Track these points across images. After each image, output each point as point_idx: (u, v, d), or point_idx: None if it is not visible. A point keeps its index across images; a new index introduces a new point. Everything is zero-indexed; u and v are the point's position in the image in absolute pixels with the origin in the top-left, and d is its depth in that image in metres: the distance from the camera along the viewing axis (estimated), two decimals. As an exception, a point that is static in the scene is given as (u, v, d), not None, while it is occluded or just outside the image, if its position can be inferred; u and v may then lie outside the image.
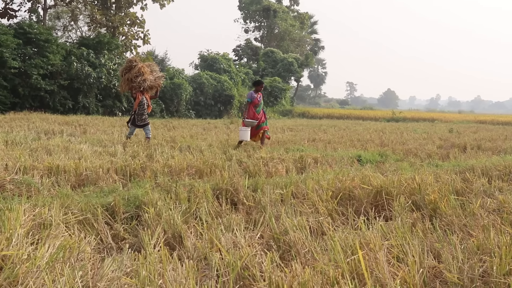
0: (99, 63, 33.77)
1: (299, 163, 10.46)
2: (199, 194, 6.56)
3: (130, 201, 6.23)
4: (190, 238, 4.89)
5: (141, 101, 14.65)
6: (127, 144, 13.16)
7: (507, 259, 3.74)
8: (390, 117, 52.36)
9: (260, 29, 73.70)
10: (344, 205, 6.45)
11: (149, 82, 14.72)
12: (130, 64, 14.95)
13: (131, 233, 5.45)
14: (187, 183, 7.30)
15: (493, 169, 9.10)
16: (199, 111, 39.75)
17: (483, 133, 24.75)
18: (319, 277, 3.67)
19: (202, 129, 21.95)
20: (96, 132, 17.69)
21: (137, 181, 7.92)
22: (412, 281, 3.61)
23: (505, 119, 51.43)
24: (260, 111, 14.59)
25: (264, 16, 70.70)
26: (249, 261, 4.01)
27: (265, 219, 5.58)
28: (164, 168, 8.75)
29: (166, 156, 10.22)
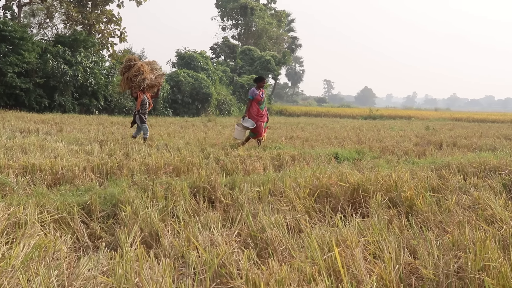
0: (75, 61, 33.53)
1: (277, 161, 10.46)
2: (176, 192, 6.55)
3: (106, 199, 6.20)
4: (167, 236, 4.87)
5: (143, 100, 14.42)
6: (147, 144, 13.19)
7: (481, 255, 3.77)
8: (367, 114, 52.63)
9: (237, 27, 73.62)
10: (321, 203, 6.46)
11: (149, 81, 14.48)
12: (129, 63, 14.71)
13: (108, 232, 5.42)
14: (164, 181, 7.28)
15: (468, 166, 9.17)
16: (177, 109, 39.62)
17: (458, 130, 24.96)
18: (296, 274, 3.68)
19: (180, 127, 21.89)
20: (72, 131, 17.55)
21: (114, 179, 7.87)
22: (388, 277, 3.62)
23: (480, 117, 51.97)
24: (263, 108, 14.22)
25: (242, 14, 70.63)
26: (226, 258, 4.01)
27: (242, 217, 5.58)
28: (141, 166, 8.71)
29: (143, 155, 10.18)
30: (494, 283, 3.46)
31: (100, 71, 35.55)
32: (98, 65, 36.09)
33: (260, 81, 14.17)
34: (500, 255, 3.91)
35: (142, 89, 14.41)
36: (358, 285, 3.64)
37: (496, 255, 3.83)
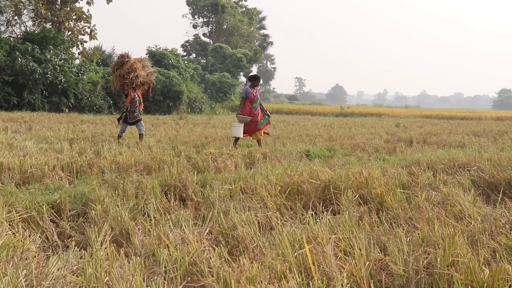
0: (44, 59, 33.18)
1: (248, 159, 10.46)
2: (147, 191, 6.51)
3: (76, 198, 6.15)
4: (137, 234, 4.85)
5: (133, 98, 14.19)
6: (121, 143, 12.97)
7: (450, 251, 3.81)
8: (338, 112, 52.88)
9: (208, 25, 73.52)
10: (292, 200, 6.47)
11: (141, 78, 14.24)
12: (122, 59, 14.43)
13: (78, 231, 5.38)
14: (135, 180, 7.24)
15: (438, 163, 9.26)
16: (148, 107, 39.40)
17: (428, 127, 25.21)
18: (266, 271, 3.68)
19: (151, 125, 21.78)
20: (42, 129, 17.36)
21: (84, 178, 7.81)
22: (358, 274, 3.64)
23: (449, 114, 52.53)
24: (257, 107, 13.85)
25: (213, 11, 70.54)
26: (197, 256, 4.00)
27: (213, 214, 5.57)
28: (111, 164, 8.65)
29: (113, 153, 10.10)
30: (463, 278, 3.50)
31: (70, 69, 35.21)
32: (68, 63, 35.74)
33: (255, 80, 13.97)
34: (468, 251, 3.96)
35: (134, 86, 14.21)
36: (329, 282, 3.65)
37: (464, 251, 3.87)
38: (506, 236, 4.60)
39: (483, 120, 44.29)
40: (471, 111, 64.64)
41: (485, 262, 4.06)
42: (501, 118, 47.17)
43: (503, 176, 7.65)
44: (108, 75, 36.73)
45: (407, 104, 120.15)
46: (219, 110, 49.39)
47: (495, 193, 7.20)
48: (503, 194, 6.96)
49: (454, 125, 29.00)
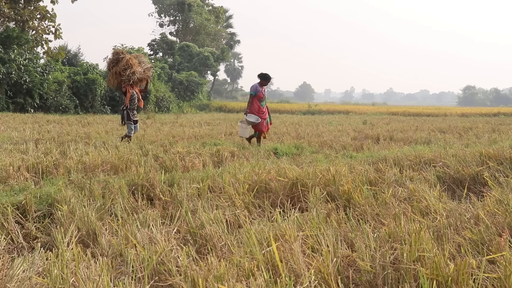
0: (8, 58, 32.70)
1: (216, 157, 10.45)
2: (114, 190, 6.47)
3: (42, 199, 6.07)
4: (105, 235, 4.81)
5: (132, 95, 13.90)
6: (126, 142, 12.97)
7: (416, 246, 3.85)
8: (306, 110, 53.09)
9: (175, 23, 73.20)
10: (260, 198, 6.48)
11: (138, 74, 13.92)
12: (117, 56, 14.06)
13: (44, 232, 5.32)
14: (101, 180, 7.18)
15: (404, 159, 9.35)
16: (115, 107, 39.09)
17: (395, 124, 25.43)
18: (234, 269, 3.68)
19: (118, 125, 21.59)
20: (6, 130, 17.13)
21: (50, 178, 7.71)
22: (326, 270, 3.66)
23: (415, 111, 53.07)
24: (264, 105, 13.82)
25: (179, 10, 70.26)
26: (165, 256, 3.98)
27: (181, 213, 5.56)
28: (78, 164, 8.56)
29: (80, 153, 10.00)
30: (428, 273, 3.53)
31: (35, 68, 34.75)
32: (33, 63, 35.27)
33: (266, 79, 13.70)
34: (434, 246, 4.00)
35: (132, 83, 13.92)
36: (296, 279, 3.66)
37: (430, 246, 3.92)
38: (471, 230, 4.66)
39: (449, 116, 44.82)
40: (436, 108, 65.38)
41: (450, 256, 4.11)
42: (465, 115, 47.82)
43: (468, 171, 7.76)
44: (73, 74, 36.39)
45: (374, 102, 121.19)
46: (187, 109, 49.23)
47: (460, 189, 7.30)
48: (468, 190, 7.06)
49: (420, 121, 29.31)
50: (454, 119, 35.38)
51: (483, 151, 9.06)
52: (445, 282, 3.49)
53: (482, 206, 5.64)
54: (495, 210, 5.33)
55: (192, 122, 24.75)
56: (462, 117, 44.03)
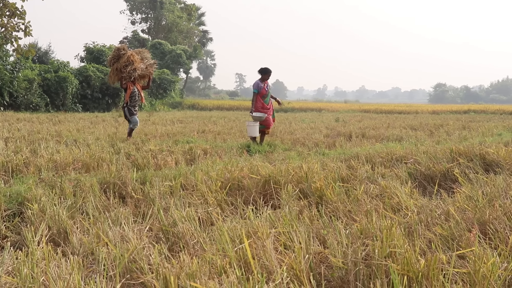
0: (-23, 57, 32.25)
1: (189, 155, 10.42)
2: (85, 189, 6.43)
3: (12, 197, 6.01)
4: (76, 233, 4.77)
5: (132, 91, 13.79)
6: (129, 139, 13.01)
7: (387, 242, 3.87)
8: (279, 107, 53.09)
9: (147, 21, 72.79)
10: (233, 195, 6.48)
11: (140, 71, 13.80)
12: (118, 52, 13.95)
13: (14, 231, 5.26)
14: (73, 178, 7.12)
15: (376, 156, 9.42)
16: (87, 105, 38.79)
17: (367, 121, 25.59)
18: (207, 267, 3.67)
19: (90, 123, 21.46)
20: (-25, 128, 16.90)
21: (20, 177, 7.62)
22: (298, 267, 3.67)
23: (387, 108, 53.44)
24: (268, 101, 13.29)
25: (151, 7, 69.89)
26: (137, 254, 3.96)
27: (153, 211, 5.53)
28: (48, 163, 8.48)
29: (51, 151, 9.90)
30: (399, 269, 3.56)
31: (4, 66, 34.26)
32: (2, 60, 34.78)
33: (265, 73, 13.23)
34: (405, 242, 4.03)
35: (133, 80, 13.79)
36: (268, 276, 3.67)
37: (401, 242, 3.94)
38: (441, 226, 4.71)
39: (420, 114, 45.21)
40: (408, 105, 65.90)
41: (421, 252, 4.15)
42: (436, 112, 48.24)
43: (439, 168, 7.83)
44: (44, 72, 36.00)
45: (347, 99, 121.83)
46: (159, 107, 48.98)
47: (431, 185, 7.37)
48: (438, 186, 7.14)
49: (392, 119, 29.52)
50: (425, 117, 35.69)
51: (453, 148, 9.15)
52: (416, 277, 3.52)
53: (453, 202, 5.70)
54: (465, 206, 5.40)
55: (164, 120, 24.65)
56: (433, 114, 44.43)
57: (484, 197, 5.79)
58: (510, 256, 3.97)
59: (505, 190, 6.28)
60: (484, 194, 5.98)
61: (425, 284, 3.47)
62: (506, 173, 7.66)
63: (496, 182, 6.68)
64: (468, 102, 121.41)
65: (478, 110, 50.16)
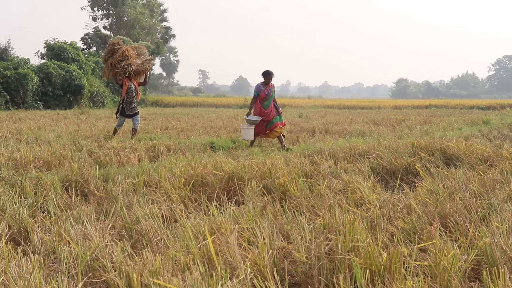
0: None
1: (152, 152, 10.37)
2: (47, 187, 6.35)
3: (-29, 197, 5.90)
4: (37, 232, 4.71)
5: (129, 87, 13.38)
6: (114, 137, 12.60)
7: (350, 236, 3.90)
8: (242, 103, 53.05)
9: (108, 17, 71.99)
10: (197, 192, 6.47)
11: (135, 66, 13.41)
12: (113, 47, 13.61)
13: (-27, 231, 5.17)
14: (33, 176, 7.02)
15: (339, 151, 9.49)
16: (48, 102, 38.23)
17: (330, 117, 25.73)
18: (170, 263, 3.66)
19: (51, 120, 21.16)
20: None
21: (-21, 176, 7.50)
22: (262, 262, 3.68)
23: (350, 103, 53.77)
24: (268, 105, 12.44)
25: (112, 3, 69.19)
26: (99, 252, 3.93)
27: (116, 209, 5.50)
28: (8, 161, 8.35)
29: (11, 149, 9.74)
30: (362, 262, 3.59)
31: (-38, 63, 33.69)
32: (-39, 57, 34.19)
33: (267, 76, 12.55)
34: (368, 236, 4.07)
35: (128, 75, 13.43)
36: (232, 272, 3.67)
37: (364, 236, 3.98)
38: (403, 220, 4.77)
39: (382, 109, 45.62)
40: (370, 101, 66.39)
41: (383, 246, 4.19)
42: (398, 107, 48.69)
43: (401, 162, 7.93)
44: (3, 69, 35.42)
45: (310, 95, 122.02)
46: (122, 104, 48.59)
47: (393, 179, 7.46)
48: (400, 180, 7.22)
49: (354, 114, 29.74)
50: (388, 112, 36.03)
51: (415, 142, 9.28)
52: (378, 271, 3.56)
53: (414, 196, 5.78)
54: (426, 200, 5.47)
55: (127, 117, 24.43)
56: (395, 109, 44.85)
57: (445, 190, 5.89)
58: (470, 248, 4.04)
59: (465, 184, 6.39)
60: (445, 188, 6.08)
61: (387, 277, 3.51)
62: (466, 166, 7.79)
63: (456, 175, 6.79)
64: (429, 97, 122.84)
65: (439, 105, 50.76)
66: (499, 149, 9.15)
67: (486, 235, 4.17)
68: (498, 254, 3.75)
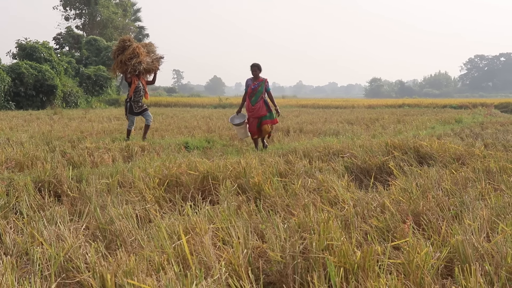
0: None
1: (126, 152, 10.32)
2: (19, 188, 6.29)
3: None
4: (9, 233, 4.66)
5: (137, 86, 13.09)
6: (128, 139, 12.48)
7: (325, 235, 3.92)
8: (217, 103, 53.01)
9: (81, 17, 71.44)
10: (171, 192, 6.46)
11: (145, 64, 13.12)
12: (123, 44, 13.30)
13: None
14: (5, 177, 6.95)
15: (313, 151, 9.52)
16: (20, 102, 37.85)
17: (304, 116, 25.78)
18: (144, 264, 3.65)
19: (23, 121, 20.95)
20: None
21: (-50, 177, 7.40)
22: (237, 262, 3.68)
23: (324, 103, 53.93)
24: (256, 101, 11.48)
25: (85, 3, 68.66)
26: (73, 253, 3.91)
27: (90, 209, 5.47)
28: (-20, 162, 8.26)
29: (-18, 150, 9.64)
30: (336, 261, 3.61)
31: None
32: None
33: (251, 69, 11.70)
34: (342, 234, 4.10)
35: (138, 74, 13.15)
36: (207, 271, 3.67)
37: (338, 234, 4.00)
38: (377, 218, 4.81)
39: (356, 108, 45.80)
40: (345, 100, 66.76)
41: (357, 244, 4.22)
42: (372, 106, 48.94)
43: (374, 161, 7.98)
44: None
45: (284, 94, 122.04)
46: (95, 104, 48.18)
47: (367, 178, 7.50)
48: (374, 179, 7.27)
49: (329, 113, 29.82)
50: (362, 111, 36.21)
51: (388, 141, 9.35)
52: (352, 269, 3.58)
53: (388, 194, 5.83)
54: (399, 198, 5.52)
55: (101, 117, 24.28)
56: (369, 108, 45.06)
57: (418, 189, 5.95)
58: (442, 246, 4.09)
59: (438, 182, 6.45)
60: (418, 186, 6.14)
61: (361, 275, 3.53)
62: (438, 165, 7.87)
63: (429, 174, 6.86)
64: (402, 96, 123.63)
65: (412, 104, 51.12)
66: (471, 147, 9.27)
67: (458, 232, 4.21)
68: (470, 251, 3.80)
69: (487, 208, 5.06)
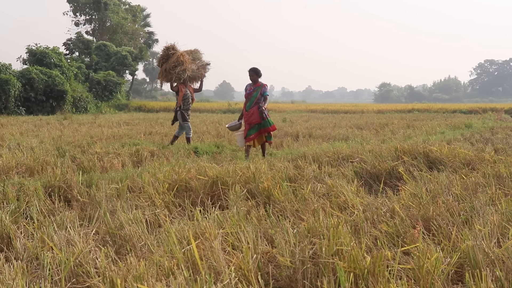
0: None
1: (136, 157, 10.35)
2: (29, 193, 6.31)
3: (-48, 203, 5.86)
4: (20, 238, 4.68)
5: (185, 94, 13.01)
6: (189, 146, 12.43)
7: (334, 240, 3.91)
8: (226, 108, 53.03)
9: (91, 22, 71.70)
10: (181, 197, 6.46)
11: (190, 72, 13.00)
12: (167, 52, 13.23)
13: (-45, 237, 5.12)
14: (16, 182, 6.98)
15: (323, 156, 9.51)
16: (30, 108, 37.99)
17: (314, 121, 25.76)
18: (154, 269, 3.66)
19: (34, 126, 21.03)
20: None
21: (-39, 182, 7.44)
22: (246, 267, 3.68)
23: (334, 108, 53.85)
24: (250, 107, 11.05)
25: (95, 8, 68.91)
26: (83, 257, 3.91)
27: (100, 214, 5.47)
28: (-9, 167, 8.30)
29: (-7, 155, 9.68)
30: (346, 266, 3.60)
31: None
32: None
33: (249, 74, 11.27)
34: (351, 239, 4.09)
35: (183, 81, 13.03)
36: (216, 276, 3.67)
37: (348, 240, 4.00)
38: (387, 223, 4.79)
39: (366, 113, 45.70)
40: (354, 105, 66.60)
41: (367, 249, 4.21)
42: (382, 111, 48.84)
43: (384, 166, 7.96)
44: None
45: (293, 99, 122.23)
46: (105, 109, 48.32)
47: (377, 183, 7.49)
48: (384, 184, 7.24)
49: (338, 118, 29.78)
50: (371, 116, 36.15)
51: (398, 146, 9.33)
52: (362, 274, 3.57)
53: (398, 199, 5.81)
54: (409, 203, 5.50)
55: (110, 122, 24.34)
56: (379, 113, 44.95)
57: (428, 194, 5.93)
58: (452, 251, 4.07)
59: (448, 187, 6.43)
60: (428, 191, 6.12)
61: (371, 281, 3.52)
62: (448, 170, 7.84)
63: (439, 179, 6.84)
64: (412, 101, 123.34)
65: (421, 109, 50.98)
66: (481, 152, 9.24)
67: (468, 238, 4.20)
68: (481, 257, 3.78)
69: (498, 213, 5.03)
